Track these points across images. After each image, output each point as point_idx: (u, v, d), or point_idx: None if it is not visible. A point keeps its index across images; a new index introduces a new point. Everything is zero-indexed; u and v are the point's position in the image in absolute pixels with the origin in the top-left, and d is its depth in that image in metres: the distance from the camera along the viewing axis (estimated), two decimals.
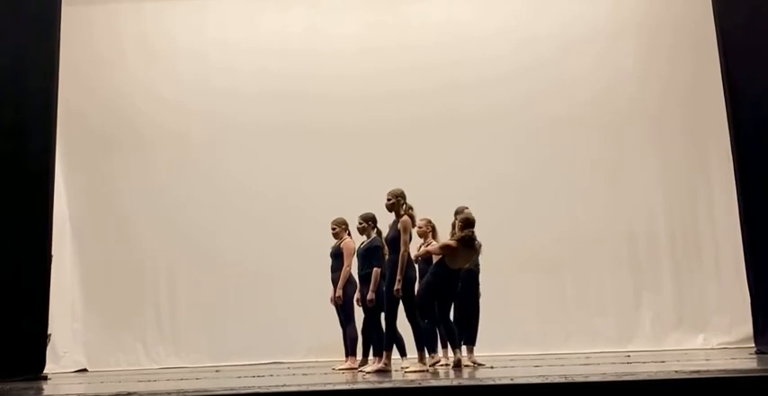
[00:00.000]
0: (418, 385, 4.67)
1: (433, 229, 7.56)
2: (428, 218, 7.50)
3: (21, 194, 8.13)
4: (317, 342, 9.41)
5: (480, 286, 7.51)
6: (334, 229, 7.75)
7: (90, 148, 10.36)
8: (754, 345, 7.96)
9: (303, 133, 10.22)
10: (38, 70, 8.41)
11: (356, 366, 7.35)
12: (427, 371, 6.43)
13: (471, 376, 5.85)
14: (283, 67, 10.37)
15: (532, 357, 8.29)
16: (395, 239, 6.65)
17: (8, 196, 8.10)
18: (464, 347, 7.26)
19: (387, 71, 10.22)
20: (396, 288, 6.53)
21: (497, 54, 10.24)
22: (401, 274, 6.55)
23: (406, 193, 6.84)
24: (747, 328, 8.31)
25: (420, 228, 7.42)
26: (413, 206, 6.87)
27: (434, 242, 7.47)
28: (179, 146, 10.39)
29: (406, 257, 6.60)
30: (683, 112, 9.98)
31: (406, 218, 6.69)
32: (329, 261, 7.71)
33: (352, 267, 7.52)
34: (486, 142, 10.07)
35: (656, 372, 4.88)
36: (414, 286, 6.83)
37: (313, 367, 7.96)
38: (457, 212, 7.59)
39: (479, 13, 10.49)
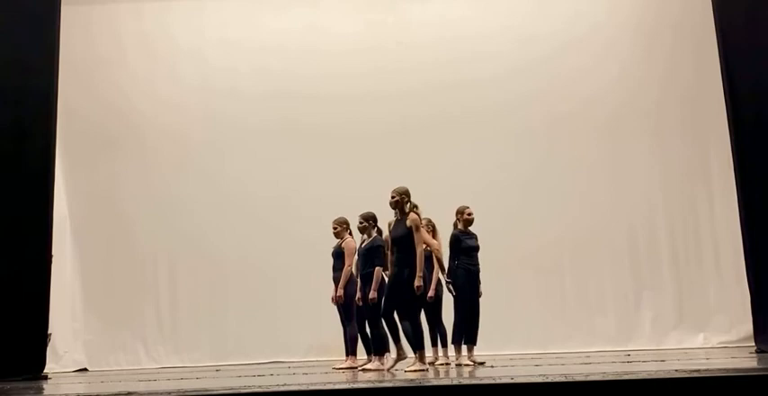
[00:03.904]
0: (418, 384, 4.66)
1: (434, 229, 7.57)
2: (428, 217, 7.49)
3: (21, 194, 8.14)
4: (318, 341, 9.42)
5: (481, 286, 7.50)
6: (335, 228, 7.71)
7: (90, 148, 10.36)
8: (754, 344, 7.96)
9: (304, 132, 10.22)
10: (38, 70, 8.40)
11: (356, 365, 7.35)
12: (427, 370, 6.42)
13: (471, 375, 5.84)
14: (283, 66, 10.38)
15: (533, 356, 8.29)
16: (403, 237, 6.59)
17: (8, 196, 8.10)
18: (464, 347, 7.27)
19: (387, 70, 10.23)
20: (417, 285, 6.46)
21: (497, 52, 10.24)
22: (420, 270, 6.50)
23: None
24: (747, 326, 8.32)
25: None
26: (417, 205, 6.86)
27: (435, 242, 7.48)
28: (179, 146, 10.39)
29: (423, 255, 6.58)
30: (683, 112, 9.98)
31: (414, 216, 6.63)
32: (330, 260, 7.70)
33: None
34: (487, 141, 10.07)
35: (657, 371, 4.87)
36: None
37: (313, 367, 7.96)
38: (458, 212, 7.60)
39: (479, 12, 10.49)
